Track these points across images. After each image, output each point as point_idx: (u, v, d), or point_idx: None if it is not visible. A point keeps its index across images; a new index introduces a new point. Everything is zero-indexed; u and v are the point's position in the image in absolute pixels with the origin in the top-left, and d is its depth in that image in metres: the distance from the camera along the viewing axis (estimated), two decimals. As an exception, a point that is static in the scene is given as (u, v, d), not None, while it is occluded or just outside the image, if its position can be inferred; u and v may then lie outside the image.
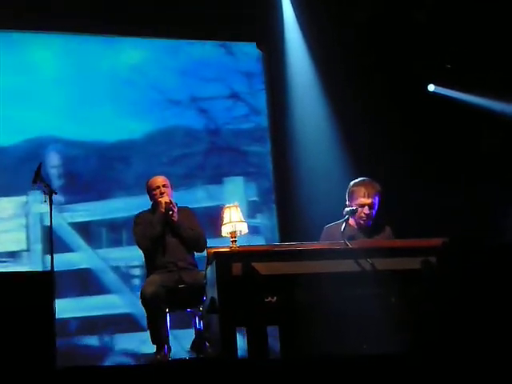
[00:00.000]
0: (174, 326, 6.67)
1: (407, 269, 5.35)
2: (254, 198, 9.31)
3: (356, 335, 5.25)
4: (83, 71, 9.00)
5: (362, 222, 6.12)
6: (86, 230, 8.99)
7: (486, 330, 4.22)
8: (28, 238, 8.75)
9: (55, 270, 5.87)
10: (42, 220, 8.57)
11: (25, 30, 8.75)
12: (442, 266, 4.74)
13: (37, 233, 8.73)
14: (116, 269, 8.86)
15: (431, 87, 9.16)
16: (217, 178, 9.30)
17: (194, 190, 9.10)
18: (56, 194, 6.43)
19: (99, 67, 9.10)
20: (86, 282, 8.87)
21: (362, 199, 6.10)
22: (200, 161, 9.42)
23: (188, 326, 6.87)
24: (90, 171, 8.98)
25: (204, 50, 9.49)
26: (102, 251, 8.92)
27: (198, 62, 9.46)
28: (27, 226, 8.78)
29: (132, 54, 9.27)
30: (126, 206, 8.51)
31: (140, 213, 6.86)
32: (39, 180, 6.38)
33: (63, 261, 8.37)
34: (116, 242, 8.92)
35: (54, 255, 6.11)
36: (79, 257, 8.81)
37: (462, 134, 8.80)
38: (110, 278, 8.86)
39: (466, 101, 8.83)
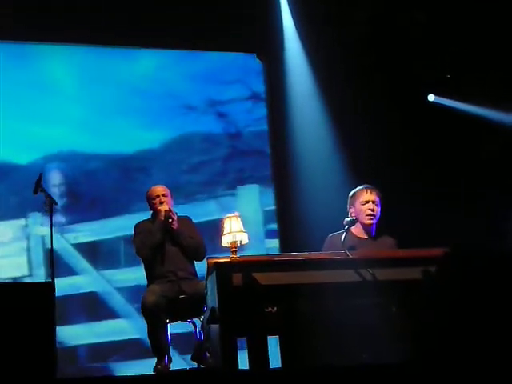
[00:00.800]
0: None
1: (408, 279, 5.34)
2: (272, 207, 9.20)
3: (356, 345, 5.24)
4: (98, 83, 8.87)
5: (368, 221, 6.13)
6: (90, 250, 8.58)
7: (486, 339, 4.21)
8: (30, 262, 8.38)
9: (59, 295, 5.65)
10: (43, 243, 8.22)
11: (39, 41, 8.70)
12: (443, 275, 4.73)
13: (39, 256, 8.35)
14: (123, 291, 8.53)
15: (431, 97, 9.18)
16: (240, 183, 9.19)
17: (208, 202, 8.93)
18: (56, 204, 6.42)
19: (114, 78, 8.97)
20: (92, 307, 8.51)
21: (365, 196, 6.16)
22: (221, 166, 9.26)
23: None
24: (110, 184, 8.79)
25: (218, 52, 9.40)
26: (108, 273, 8.56)
27: (214, 64, 9.36)
28: (28, 250, 8.39)
29: (146, 62, 9.16)
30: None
31: (140, 222, 6.86)
32: (40, 190, 6.35)
33: (68, 284, 8.09)
34: (129, 262, 8.40)
35: (58, 279, 5.92)
36: (83, 280, 8.48)
37: (461, 141, 8.81)
38: (117, 301, 8.51)
39: (466, 110, 8.85)
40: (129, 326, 8.30)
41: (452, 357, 4.16)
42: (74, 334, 8.16)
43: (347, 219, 5.99)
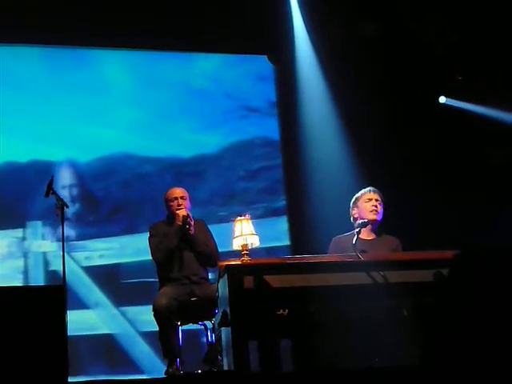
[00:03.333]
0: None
1: (419, 281, 5.34)
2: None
3: (368, 348, 5.24)
4: (155, 86, 8.60)
5: (372, 216, 6.17)
6: (108, 276, 7.19)
7: (500, 342, 4.20)
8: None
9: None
10: (46, 262, 6.71)
11: (97, 46, 8.70)
12: (455, 278, 4.72)
13: (39, 280, 6.80)
14: (150, 337, 6.80)
15: (442, 99, 9.16)
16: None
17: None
18: (68, 207, 6.40)
19: (169, 80, 8.67)
20: (108, 356, 6.99)
21: (368, 195, 6.24)
22: (282, 173, 8.82)
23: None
24: (161, 188, 7.85)
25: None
26: (131, 310, 7.10)
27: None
28: (25, 271, 6.82)
29: (203, 62, 8.95)
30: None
31: (155, 224, 6.84)
32: (51, 193, 6.35)
33: (76, 322, 6.36)
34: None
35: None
36: (97, 317, 7.06)
37: (471, 143, 8.80)
38: (142, 350, 6.93)
39: (477, 112, 8.82)
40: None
41: (464, 360, 4.15)
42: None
43: (358, 221, 6.03)
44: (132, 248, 7.29)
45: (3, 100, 8.01)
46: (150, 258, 6.58)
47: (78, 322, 6.32)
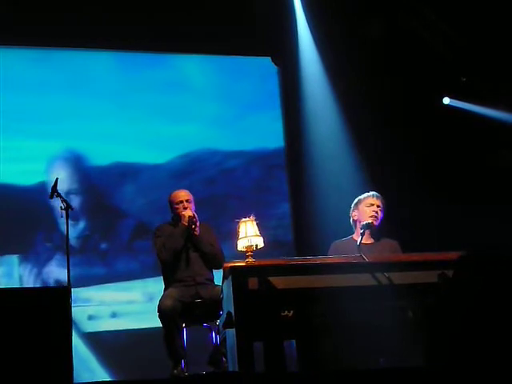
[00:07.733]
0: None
1: (424, 282, 5.34)
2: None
3: (373, 349, 5.23)
4: (233, 77, 8.49)
5: (372, 222, 6.15)
6: (123, 349, 6.02)
7: (504, 344, 4.19)
8: None
9: None
10: None
11: (179, 52, 8.83)
12: (459, 279, 4.71)
13: None
14: None
15: (446, 100, 9.16)
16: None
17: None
18: (72, 209, 6.41)
19: (251, 68, 8.55)
20: None
21: (370, 200, 6.25)
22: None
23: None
24: (249, 181, 7.96)
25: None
26: None
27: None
28: None
29: None
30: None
31: (160, 225, 6.89)
32: (56, 195, 6.38)
33: None
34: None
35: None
36: None
37: (476, 146, 8.80)
38: None
39: (481, 113, 8.82)
40: None
41: (469, 361, 4.15)
42: None
43: (363, 223, 6.02)
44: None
45: (81, 103, 8.13)
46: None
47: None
